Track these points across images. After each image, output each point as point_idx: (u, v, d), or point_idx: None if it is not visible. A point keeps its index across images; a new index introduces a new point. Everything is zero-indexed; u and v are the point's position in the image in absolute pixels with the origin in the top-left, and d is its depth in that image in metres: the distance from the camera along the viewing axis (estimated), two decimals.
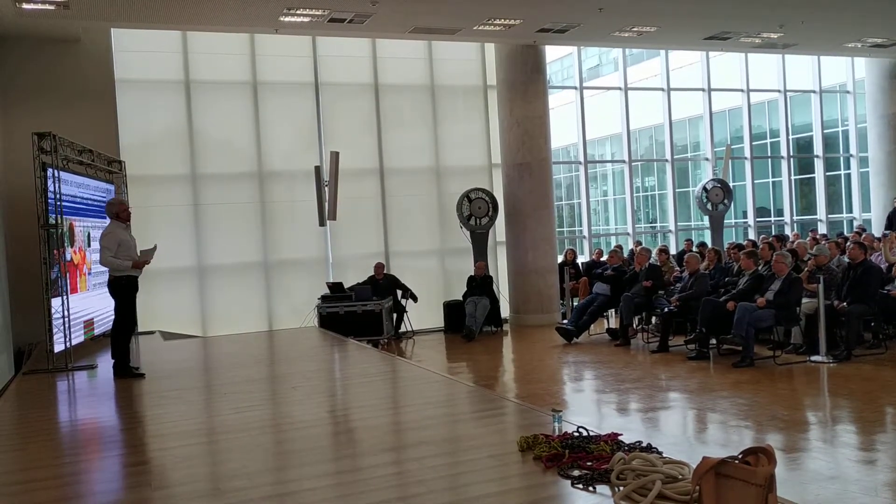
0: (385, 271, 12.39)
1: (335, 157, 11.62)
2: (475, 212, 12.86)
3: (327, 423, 5.58)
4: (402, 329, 12.31)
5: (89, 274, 9.35)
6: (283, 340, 10.42)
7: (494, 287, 12.63)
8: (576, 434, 4.16)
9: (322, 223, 12.01)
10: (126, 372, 7.37)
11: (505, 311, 13.15)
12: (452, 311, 12.50)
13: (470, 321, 11.84)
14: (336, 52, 12.71)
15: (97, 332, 9.64)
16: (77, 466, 4.58)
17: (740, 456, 2.88)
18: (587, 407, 7.43)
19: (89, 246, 9.37)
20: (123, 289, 7.46)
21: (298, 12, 10.13)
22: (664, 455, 3.78)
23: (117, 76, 11.32)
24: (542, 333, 11.85)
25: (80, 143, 9.31)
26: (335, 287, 11.81)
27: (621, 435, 4.20)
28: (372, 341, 10.85)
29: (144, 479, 4.22)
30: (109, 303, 10.27)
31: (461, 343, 11.58)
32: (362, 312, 11.35)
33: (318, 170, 11.94)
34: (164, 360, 8.76)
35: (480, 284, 12.30)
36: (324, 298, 11.62)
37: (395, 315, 12.20)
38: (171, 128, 12.00)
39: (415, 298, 12.35)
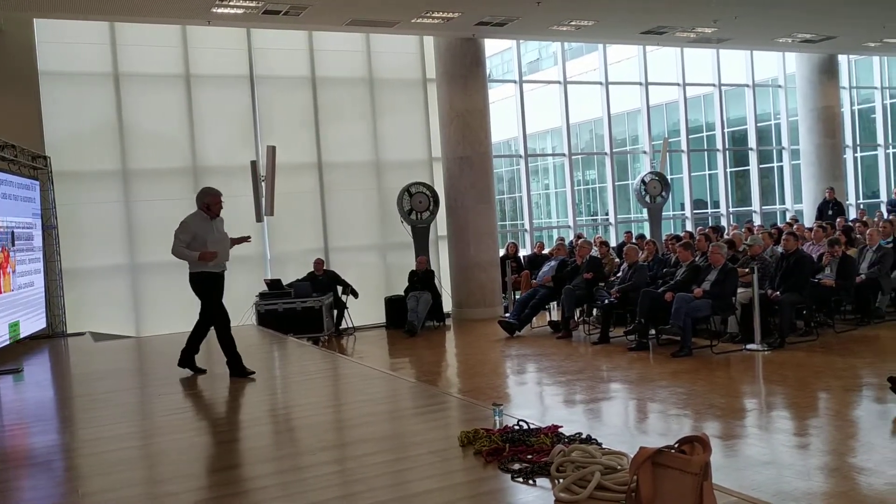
0: (325, 267, 12.23)
1: (272, 151, 11.40)
2: (416, 206, 12.78)
3: (267, 422, 5.45)
4: (343, 325, 12.17)
5: (13, 274, 8.98)
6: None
7: (436, 281, 12.57)
8: (516, 427, 4.12)
9: (259, 219, 11.78)
10: (241, 371, 6.95)
11: (447, 305, 13.11)
12: (394, 306, 12.41)
13: (412, 316, 11.76)
14: (272, 44, 12.46)
15: (23, 334, 9.27)
16: (2, 475, 4.36)
17: (676, 445, 2.87)
18: (530, 400, 7.43)
19: (13, 245, 8.99)
20: (199, 286, 6.91)
21: (231, 3, 9.89)
22: (604, 446, 3.77)
23: (41, 68, 10.89)
24: (484, 327, 11.85)
25: (2, 137, 8.92)
26: (273, 284, 11.60)
27: (561, 427, 4.18)
28: (312, 338, 10.69)
29: (72, 486, 4.04)
30: (38, 305, 9.94)
31: (403, 338, 11.49)
32: (302, 309, 11.18)
33: (254, 165, 11.70)
34: (94, 361, 8.47)
35: (422, 279, 12.23)
36: (262, 296, 11.41)
37: (335, 311, 12.06)
38: (100, 122, 11.60)
39: (355, 294, 12.22)
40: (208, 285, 6.91)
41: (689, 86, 16.70)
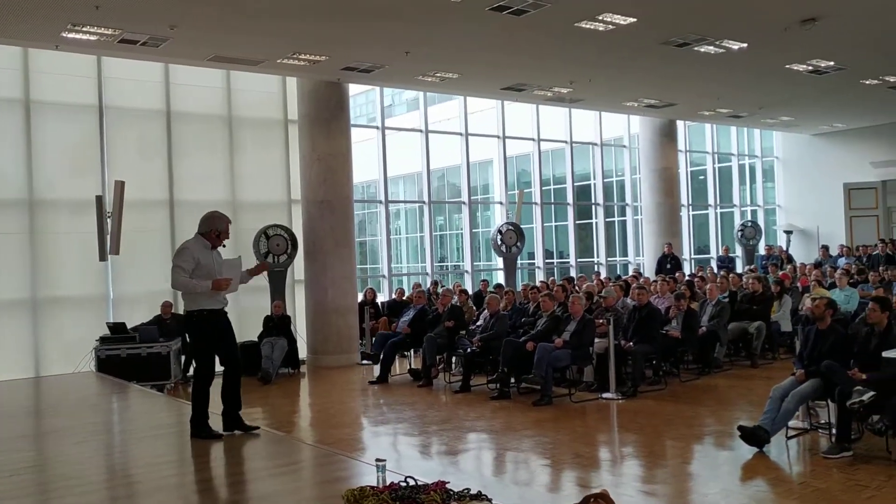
0: (173, 310, 11.56)
1: (120, 186, 10.71)
2: (273, 249, 12.39)
3: (102, 486, 4.93)
4: (191, 372, 11.49)
5: None
6: (53, 388, 9.32)
7: (292, 327, 12.20)
8: (403, 484, 3.96)
9: (103, 258, 10.99)
10: (201, 431, 5.94)
11: (302, 351, 12.72)
12: (248, 352, 11.83)
13: (266, 363, 11.30)
14: (124, 74, 11.80)
15: None
16: None
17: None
18: (398, 452, 7.25)
19: None
20: (197, 326, 5.93)
21: (85, 29, 9.28)
22: (494, 501, 3.69)
23: None
24: (340, 374, 11.59)
25: None
26: (116, 328, 10.83)
27: (448, 483, 4.06)
28: (157, 386, 10.07)
29: None
30: None
31: (257, 386, 10.98)
32: (147, 355, 10.49)
33: (99, 199, 10.95)
34: None
35: (278, 324, 11.82)
36: (103, 340, 10.61)
37: (183, 357, 11.40)
38: None
39: None
40: (205, 327, 5.93)
41: (543, 141, 17.36)
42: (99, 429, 6.84)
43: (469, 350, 9.90)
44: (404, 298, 13.24)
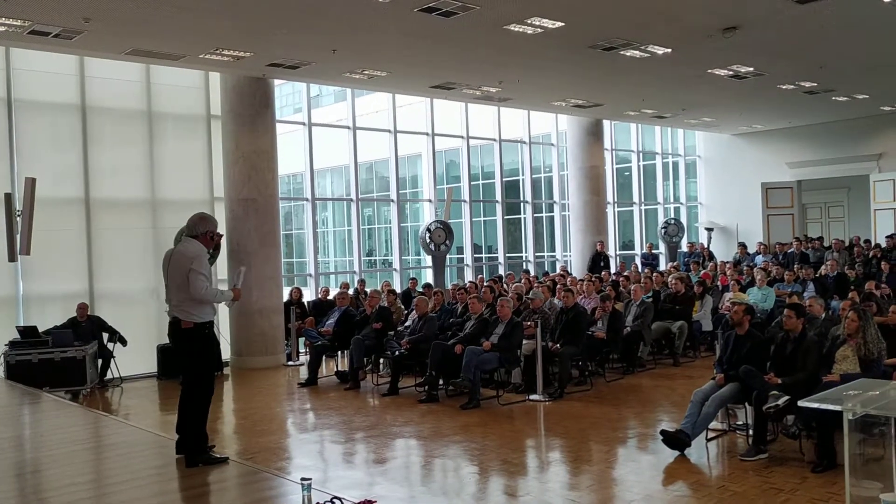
0: (89, 312, 11.14)
1: (31, 184, 10.23)
2: None
3: None
4: (109, 376, 11.12)
5: None
6: None
7: (215, 328, 11.84)
8: None
9: (12, 258, 10.49)
10: (205, 457, 5.56)
11: (226, 353, 12.41)
12: (168, 355, 11.49)
13: None
14: (35, 66, 11.24)
15: None
16: None
17: None
18: (325, 462, 7.14)
19: None
20: (204, 339, 5.60)
21: None
22: None
23: None
24: (265, 377, 11.39)
25: None
26: (27, 331, 10.36)
27: (375, 502, 4.00)
28: (72, 392, 9.76)
29: None
30: None
31: (176, 390, 10.55)
32: (61, 360, 10.07)
33: (8, 197, 10.44)
34: None
35: None
36: (12, 344, 10.14)
37: (100, 361, 10.99)
38: None
39: (123, 342, 11.23)
40: (208, 338, 5.66)
41: (472, 139, 17.34)
42: (8, 445, 6.52)
43: (397, 352, 9.83)
44: (329, 298, 13.06)
